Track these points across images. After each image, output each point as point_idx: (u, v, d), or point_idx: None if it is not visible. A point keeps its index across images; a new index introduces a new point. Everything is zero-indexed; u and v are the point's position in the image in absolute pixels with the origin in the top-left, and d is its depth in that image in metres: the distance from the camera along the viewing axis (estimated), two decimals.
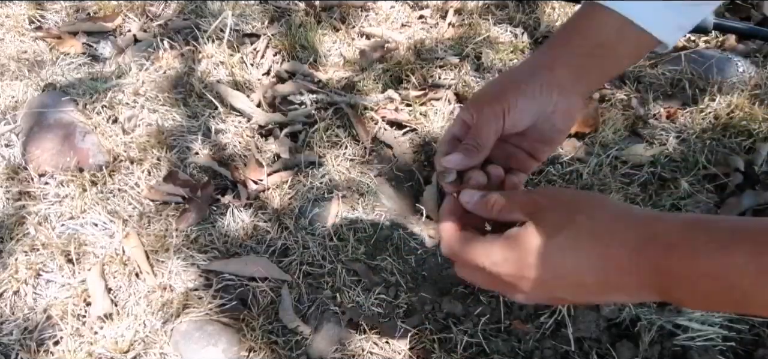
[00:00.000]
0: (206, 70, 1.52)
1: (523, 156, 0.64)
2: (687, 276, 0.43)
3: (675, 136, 1.35)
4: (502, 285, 0.53)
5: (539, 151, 0.63)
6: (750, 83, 1.45)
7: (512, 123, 0.58)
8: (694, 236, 0.43)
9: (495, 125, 0.58)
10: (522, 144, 0.63)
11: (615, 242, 0.46)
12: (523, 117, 0.58)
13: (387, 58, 1.57)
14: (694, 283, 0.43)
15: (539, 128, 0.60)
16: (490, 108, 0.58)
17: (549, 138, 0.61)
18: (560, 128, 0.61)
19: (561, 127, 0.61)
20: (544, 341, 1.01)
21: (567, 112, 0.60)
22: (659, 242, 0.44)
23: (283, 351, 1.02)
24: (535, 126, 0.60)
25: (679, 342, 0.99)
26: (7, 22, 1.67)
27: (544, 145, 0.62)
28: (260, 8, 1.71)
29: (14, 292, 1.10)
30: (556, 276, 0.49)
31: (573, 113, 0.60)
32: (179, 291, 1.10)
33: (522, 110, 0.57)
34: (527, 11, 1.70)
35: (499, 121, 0.58)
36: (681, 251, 0.43)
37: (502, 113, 0.57)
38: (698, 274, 0.42)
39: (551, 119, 0.59)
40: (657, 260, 0.44)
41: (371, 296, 1.09)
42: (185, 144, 1.36)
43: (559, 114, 0.59)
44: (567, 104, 0.59)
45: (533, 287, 0.50)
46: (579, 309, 1.03)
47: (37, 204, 1.23)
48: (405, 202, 1.29)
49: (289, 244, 1.18)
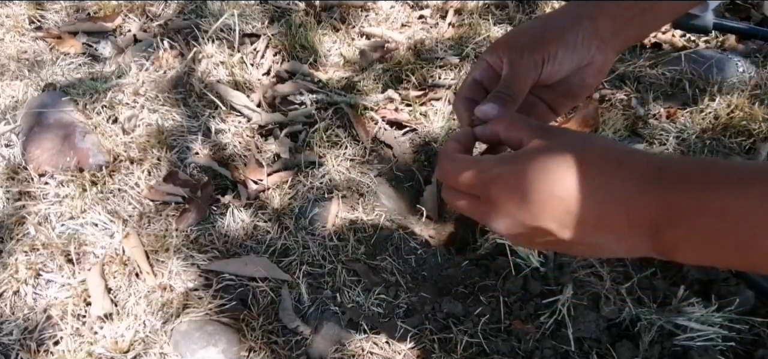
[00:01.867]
0: (206, 70, 1.52)
1: (543, 109, 0.59)
2: (694, 209, 0.40)
3: (675, 136, 1.35)
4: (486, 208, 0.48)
5: (561, 104, 0.59)
6: (750, 83, 1.45)
7: (548, 74, 0.54)
8: (709, 170, 0.41)
9: (533, 74, 0.53)
10: (545, 95, 0.58)
11: (624, 170, 0.43)
12: (560, 69, 0.54)
13: (387, 58, 1.57)
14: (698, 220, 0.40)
15: (569, 81, 0.56)
16: (530, 56, 0.53)
17: (574, 92, 0.58)
18: (589, 83, 0.57)
19: (590, 82, 0.57)
20: (544, 341, 1.01)
21: (600, 67, 0.56)
22: (671, 171, 0.42)
23: (283, 351, 1.02)
24: (565, 79, 0.56)
25: (679, 342, 0.99)
26: (7, 22, 1.67)
27: (566, 99, 0.59)
28: (260, 8, 1.71)
29: (14, 292, 1.10)
30: (552, 196, 0.44)
31: (604, 69, 0.56)
32: (179, 291, 1.10)
33: (561, 62, 0.53)
34: (527, 11, 1.70)
35: (538, 70, 0.53)
36: (693, 183, 0.41)
37: (542, 61, 0.53)
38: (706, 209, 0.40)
39: (583, 73, 0.56)
40: (666, 191, 0.41)
41: (371, 296, 1.09)
42: (185, 144, 1.36)
43: (592, 69, 0.55)
44: (602, 59, 0.55)
45: (520, 207, 0.45)
46: (579, 309, 1.03)
47: (37, 204, 1.23)
48: (405, 202, 1.29)
49: (289, 244, 1.18)
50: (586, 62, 0.55)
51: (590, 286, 1.06)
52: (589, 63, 0.55)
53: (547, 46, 0.53)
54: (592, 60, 0.55)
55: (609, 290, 1.05)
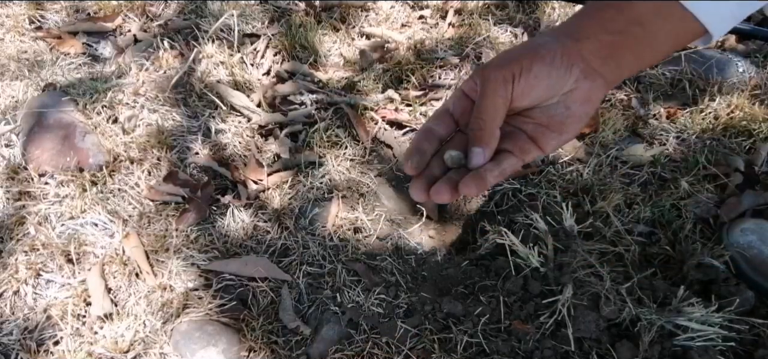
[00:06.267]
0: (206, 70, 1.52)
1: (524, 140, 0.53)
2: None
3: (675, 136, 1.35)
4: None
5: (545, 137, 0.53)
6: (750, 83, 1.45)
7: (521, 91, 0.50)
8: None
9: (503, 92, 0.50)
10: (525, 125, 0.53)
11: None
12: (535, 86, 0.50)
13: (387, 58, 1.57)
14: None
15: (551, 109, 0.52)
16: (499, 72, 0.50)
17: (559, 124, 0.52)
18: (576, 113, 0.52)
19: (577, 113, 0.52)
20: (544, 341, 1.01)
21: (587, 96, 0.51)
22: None
23: (283, 351, 1.02)
24: (546, 106, 0.52)
25: (679, 342, 0.99)
26: (7, 22, 1.67)
27: (552, 131, 0.53)
28: (260, 8, 1.71)
29: (14, 292, 1.10)
30: None
31: (594, 100, 0.52)
32: (179, 291, 1.10)
33: (536, 77, 0.49)
34: (527, 11, 1.70)
35: (509, 87, 0.50)
36: None
37: (512, 77, 0.49)
38: None
39: (567, 100, 0.51)
40: None
41: (371, 296, 1.09)
42: (185, 144, 1.36)
43: (578, 97, 0.51)
44: (589, 87, 0.51)
45: None
46: (579, 309, 1.03)
47: (37, 204, 1.23)
48: (405, 202, 1.29)
49: (289, 244, 1.18)
50: (569, 88, 0.51)
51: (590, 286, 1.06)
52: (573, 89, 0.51)
53: (519, 60, 0.50)
54: (577, 86, 0.50)
55: (609, 290, 1.05)
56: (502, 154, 0.52)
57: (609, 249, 1.14)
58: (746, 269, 1.09)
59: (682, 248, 1.13)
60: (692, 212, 1.21)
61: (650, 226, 1.20)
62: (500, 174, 0.52)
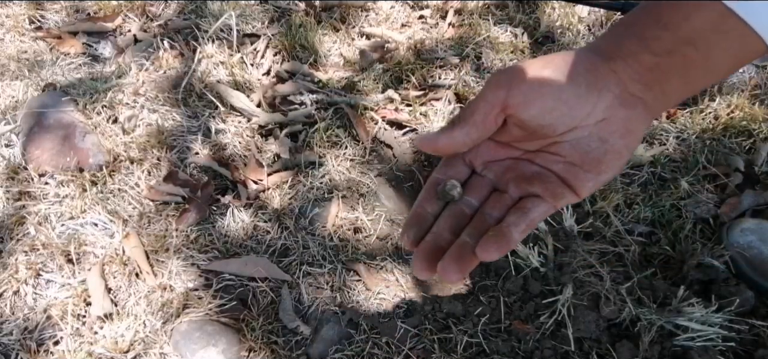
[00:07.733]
0: (206, 70, 1.52)
1: (555, 183, 0.44)
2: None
3: (675, 136, 1.35)
4: None
5: (579, 179, 0.43)
6: (750, 83, 1.45)
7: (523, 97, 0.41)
8: None
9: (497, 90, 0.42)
10: (555, 165, 0.44)
11: None
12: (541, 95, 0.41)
13: (387, 59, 1.57)
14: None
15: (582, 143, 0.42)
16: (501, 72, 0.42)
17: (596, 161, 0.43)
18: (615, 148, 0.42)
19: (617, 147, 0.42)
20: (544, 341, 1.01)
21: (626, 127, 0.42)
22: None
23: (283, 351, 1.02)
24: (576, 139, 0.42)
25: (679, 342, 0.99)
26: (7, 22, 1.67)
27: (587, 172, 0.43)
28: (260, 8, 1.71)
29: (14, 292, 1.10)
30: None
31: (636, 132, 0.42)
32: (179, 291, 1.10)
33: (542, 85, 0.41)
34: (527, 11, 1.70)
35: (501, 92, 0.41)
36: None
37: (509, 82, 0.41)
38: None
39: (602, 132, 0.42)
40: None
41: (371, 296, 1.09)
42: (185, 144, 1.36)
43: (615, 128, 0.42)
44: (626, 117, 0.41)
45: None
46: (579, 309, 1.03)
47: (37, 204, 1.23)
48: (405, 202, 1.29)
49: (289, 244, 1.18)
50: (602, 116, 0.41)
51: (590, 286, 1.06)
52: (606, 118, 0.41)
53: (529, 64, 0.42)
54: (611, 114, 0.41)
55: (609, 290, 1.05)
56: (530, 200, 0.44)
57: (609, 249, 1.14)
58: (746, 269, 1.09)
59: (682, 248, 1.13)
60: (692, 212, 1.21)
61: (650, 226, 1.20)
62: (527, 227, 0.43)
